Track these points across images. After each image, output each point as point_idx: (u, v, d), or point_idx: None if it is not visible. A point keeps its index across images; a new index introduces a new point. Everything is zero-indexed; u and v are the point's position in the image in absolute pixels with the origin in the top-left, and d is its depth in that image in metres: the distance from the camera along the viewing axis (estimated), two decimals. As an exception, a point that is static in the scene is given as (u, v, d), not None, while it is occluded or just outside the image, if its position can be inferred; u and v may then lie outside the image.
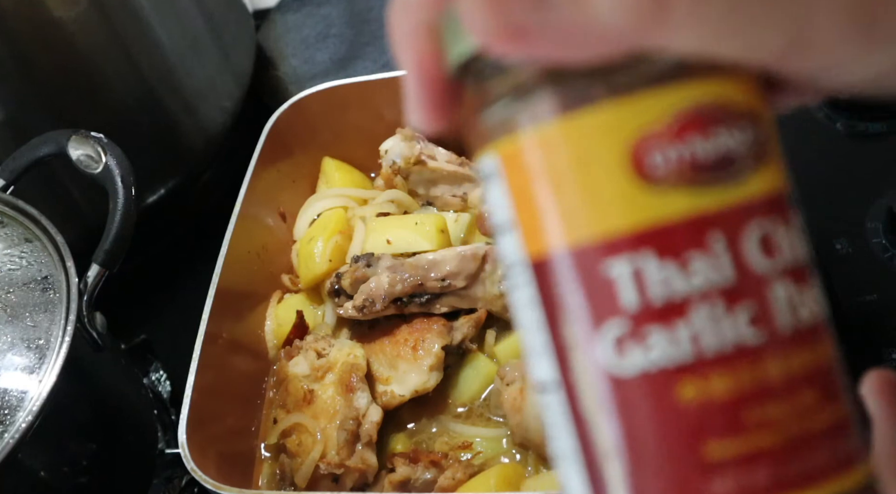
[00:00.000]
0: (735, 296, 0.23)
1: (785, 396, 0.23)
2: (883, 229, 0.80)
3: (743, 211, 0.23)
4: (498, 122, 0.25)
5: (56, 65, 0.85)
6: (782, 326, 0.23)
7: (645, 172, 0.23)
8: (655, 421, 0.23)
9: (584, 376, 0.24)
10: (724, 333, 0.23)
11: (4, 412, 0.62)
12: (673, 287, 0.23)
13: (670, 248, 0.23)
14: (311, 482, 0.73)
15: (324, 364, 0.78)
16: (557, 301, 0.24)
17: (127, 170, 0.74)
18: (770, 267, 0.23)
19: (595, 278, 0.23)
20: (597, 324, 0.23)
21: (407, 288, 0.79)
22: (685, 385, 0.23)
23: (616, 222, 0.23)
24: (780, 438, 0.23)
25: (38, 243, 0.72)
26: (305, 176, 0.96)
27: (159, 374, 0.89)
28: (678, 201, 0.23)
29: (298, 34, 1.23)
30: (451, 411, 0.79)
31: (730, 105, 0.23)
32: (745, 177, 0.23)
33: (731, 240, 0.23)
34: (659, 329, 0.23)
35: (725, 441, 0.23)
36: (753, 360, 0.23)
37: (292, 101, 0.93)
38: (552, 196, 0.24)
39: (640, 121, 0.23)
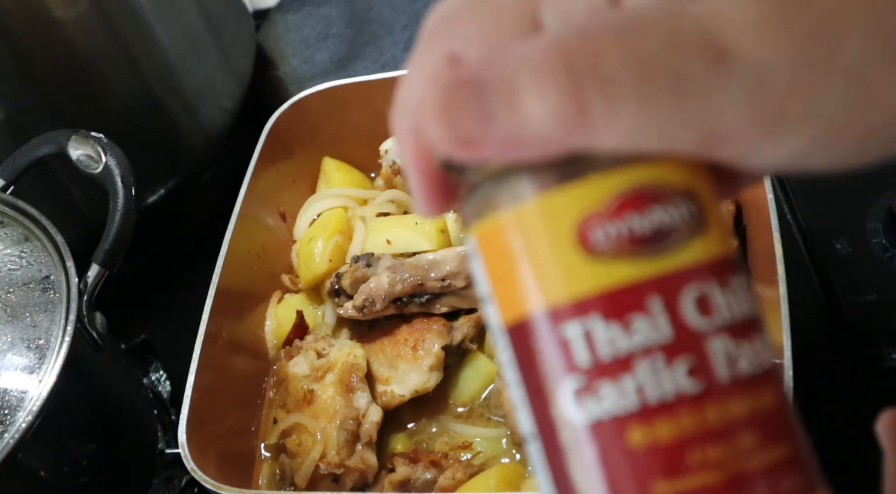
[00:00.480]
0: (673, 351, 0.26)
1: (725, 439, 0.25)
2: (883, 229, 0.80)
3: (679, 276, 0.26)
4: (470, 209, 0.29)
5: (56, 65, 0.85)
6: (720, 376, 0.26)
7: (589, 247, 0.26)
8: (610, 464, 0.26)
9: (551, 426, 0.27)
10: (665, 384, 0.26)
11: (4, 412, 0.62)
12: (618, 346, 0.26)
13: (614, 311, 0.26)
14: (311, 482, 0.73)
15: (324, 364, 0.78)
16: (526, 361, 0.27)
17: (127, 170, 0.74)
18: (706, 324, 0.26)
19: (553, 339, 0.27)
20: (558, 380, 0.27)
21: (407, 288, 0.79)
22: (633, 431, 0.26)
23: (568, 290, 0.26)
24: (721, 477, 0.25)
25: (38, 243, 0.72)
26: (305, 176, 0.96)
27: (159, 374, 0.89)
28: (620, 270, 0.26)
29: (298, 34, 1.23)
30: (451, 411, 0.79)
31: (663, 185, 0.26)
32: (681, 246, 0.26)
33: (668, 302, 0.26)
34: (608, 383, 0.26)
35: (671, 480, 0.25)
36: (692, 407, 0.25)
37: (292, 101, 0.93)
38: (514, 271, 0.27)
39: (584, 203, 0.26)
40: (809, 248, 0.82)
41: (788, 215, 0.85)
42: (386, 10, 1.24)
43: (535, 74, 0.24)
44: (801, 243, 0.83)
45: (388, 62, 1.16)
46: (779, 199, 0.85)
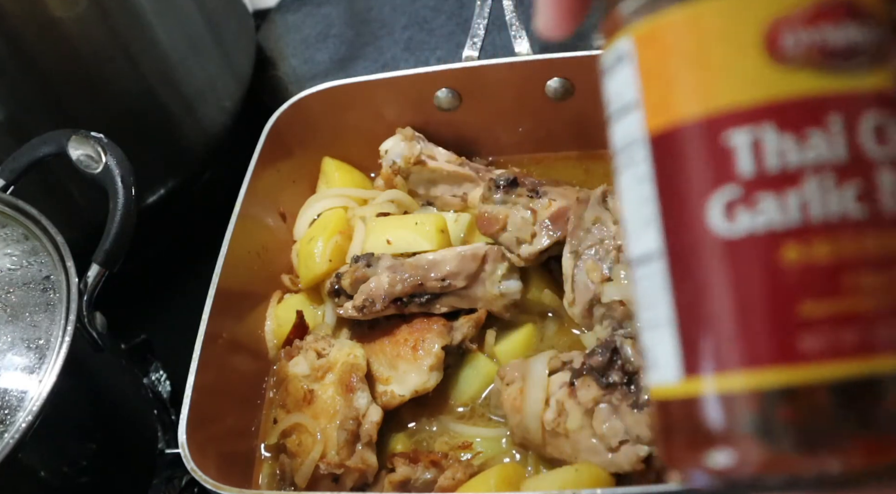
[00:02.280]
0: (846, 173, 0.25)
1: (882, 268, 0.25)
2: (883, 229, 0.80)
3: (862, 99, 0.25)
4: (631, 5, 0.27)
5: (56, 65, 0.85)
6: (886, 207, 0.25)
7: (777, 52, 0.25)
8: (758, 280, 0.25)
9: (692, 239, 0.26)
10: (831, 204, 0.25)
11: (4, 412, 0.62)
12: (788, 158, 0.25)
13: (791, 123, 0.25)
14: (311, 482, 0.73)
15: (324, 364, 0.78)
16: (671, 172, 0.26)
17: (127, 170, 0.74)
18: (881, 154, 0.25)
19: (716, 146, 0.25)
20: (712, 189, 0.26)
21: (407, 288, 0.79)
22: (789, 248, 0.25)
23: (744, 95, 0.25)
24: (872, 305, 0.24)
25: (38, 243, 0.72)
26: (305, 176, 0.96)
27: (159, 374, 0.89)
28: (804, 81, 0.25)
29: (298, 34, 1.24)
30: (451, 411, 0.79)
31: (860, 4, 0.26)
32: (867, 70, 0.25)
33: (848, 123, 0.25)
34: (770, 196, 0.25)
35: (820, 301, 0.24)
36: (855, 232, 0.25)
37: (292, 101, 0.93)
38: (686, 70, 0.26)
39: (779, 6, 0.25)
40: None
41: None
42: (386, 10, 1.24)
43: None
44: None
45: (388, 62, 1.16)
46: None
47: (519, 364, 0.73)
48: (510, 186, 0.82)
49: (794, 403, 0.24)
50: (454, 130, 0.94)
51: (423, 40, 1.18)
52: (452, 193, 0.91)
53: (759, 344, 0.25)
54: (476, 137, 0.95)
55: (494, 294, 0.79)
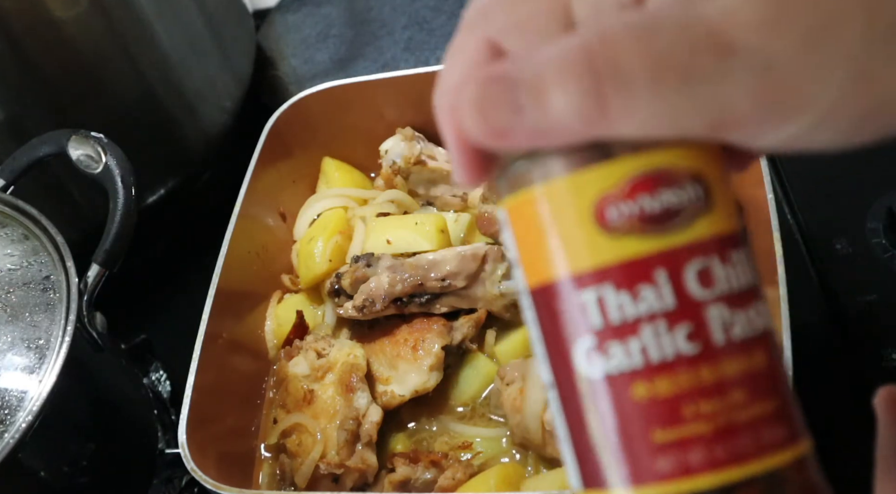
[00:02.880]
0: (675, 318, 0.29)
1: (717, 394, 0.29)
2: (883, 229, 0.80)
3: (683, 251, 0.30)
4: (504, 183, 0.32)
5: (56, 65, 0.85)
6: (715, 340, 0.29)
7: (605, 224, 0.30)
8: (616, 413, 0.30)
9: (567, 378, 0.31)
10: (665, 346, 0.29)
11: (4, 412, 0.62)
12: (626, 312, 0.29)
13: (625, 281, 0.30)
14: (311, 482, 0.73)
15: (324, 364, 0.78)
16: (547, 321, 0.31)
17: (127, 170, 0.74)
18: (706, 294, 0.30)
19: (571, 304, 0.30)
20: (574, 338, 0.30)
21: (407, 288, 0.79)
22: (637, 386, 0.29)
23: (586, 261, 0.30)
24: (712, 427, 0.29)
25: (38, 243, 0.72)
26: (305, 176, 0.96)
27: (159, 374, 0.89)
28: (631, 246, 0.30)
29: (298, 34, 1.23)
30: (451, 411, 0.79)
31: (674, 169, 0.30)
32: (687, 224, 0.30)
33: (672, 274, 0.29)
34: (617, 343, 0.30)
35: (668, 429, 0.29)
36: (689, 367, 0.29)
37: (292, 101, 0.93)
38: (539, 240, 0.31)
39: (602, 185, 0.30)
40: (809, 248, 0.82)
41: (788, 215, 0.85)
42: (386, 10, 1.24)
43: (561, 73, 0.27)
44: (801, 243, 0.83)
45: (388, 62, 1.16)
46: (779, 199, 0.85)
47: (519, 364, 0.73)
48: (510, 186, 0.81)
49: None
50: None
51: (423, 40, 1.18)
52: (452, 193, 0.91)
53: (624, 468, 0.30)
54: (476, 137, 0.95)
55: (494, 294, 0.79)
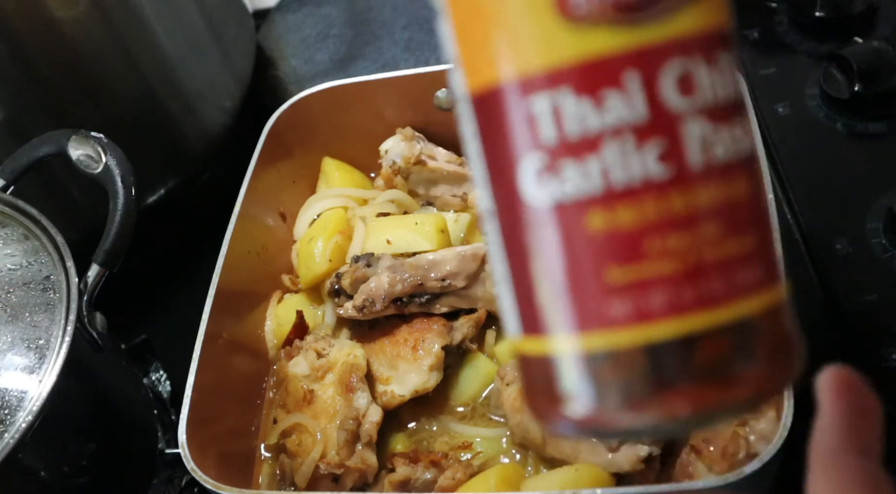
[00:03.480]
0: (646, 133, 0.24)
1: (687, 227, 0.24)
2: (883, 229, 0.80)
3: (662, 50, 0.24)
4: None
5: (56, 65, 0.85)
6: (692, 162, 0.24)
7: (568, 11, 0.24)
8: (565, 247, 0.25)
9: (509, 205, 0.26)
10: (632, 168, 0.24)
11: (4, 412, 0.62)
12: (587, 124, 0.24)
13: (588, 85, 0.24)
14: (311, 482, 0.73)
15: (324, 364, 0.78)
16: (489, 134, 0.26)
17: (127, 170, 0.74)
18: (686, 105, 0.24)
19: (519, 113, 0.25)
20: (520, 157, 0.25)
21: (407, 288, 0.79)
22: (594, 215, 0.24)
23: (541, 59, 0.24)
24: (678, 266, 0.24)
25: (38, 243, 0.72)
26: (305, 176, 0.96)
27: (159, 374, 0.89)
28: (598, 40, 0.24)
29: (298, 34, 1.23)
30: (451, 411, 0.79)
31: None
32: (670, 15, 0.24)
33: (646, 78, 0.24)
34: (573, 163, 0.24)
35: (626, 267, 0.24)
36: (658, 194, 0.24)
37: (292, 101, 0.93)
38: (484, 34, 0.25)
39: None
40: (809, 248, 0.82)
41: (788, 215, 0.85)
42: (386, 10, 1.24)
43: None
44: (801, 243, 0.83)
45: (388, 62, 1.16)
46: (779, 199, 0.85)
47: (519, 364, 0.73)
48: (510, 186, 0.82)
49: (612, 364, 0.25)
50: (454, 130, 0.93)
51: (423, 40, 1.18)
52: (452, 193, 0.91)
53: (570, 311, 0.25)
54: (476, 137, 0.95)
55: (494, 294, 0.79)
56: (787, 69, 0.96)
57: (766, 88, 0.95)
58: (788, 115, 0.93)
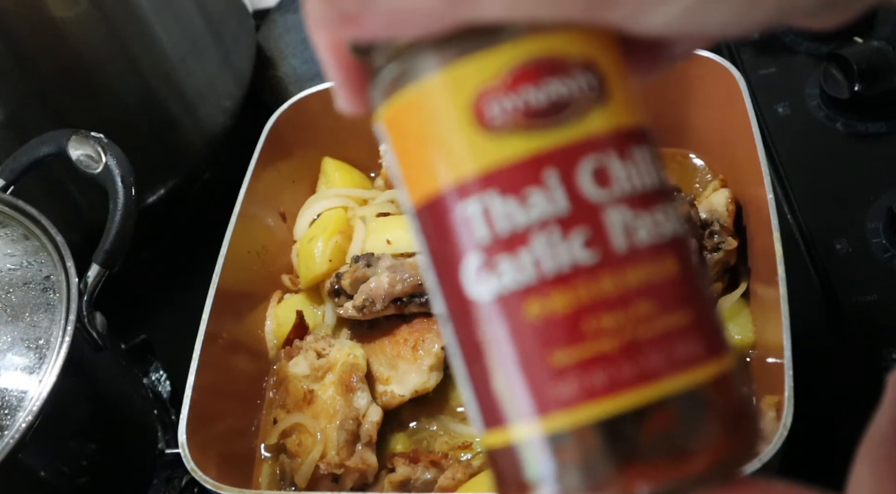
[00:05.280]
0: (569, 223, 0.26)
1: (620, 307, 0.26)
2: (883, 229, 0.80)
3: (575, 148, 0.26)
4: (376, 93, 0.29)
5: (56, 65, 0.85)
6: (616, 246, 0.26)
7: (486, 122, 0.26)
8: (510, 337, 0.26)
9: (458, 305, 0.27)
10: (561, 256, 0.26)
11: (4, 412, 0.62)
12: (515, 220, 0.26)
13: (510, 186, 0.26)
14: (311, 482, 0.73)
15: (324, 364, 0.78)
16: (433, 242, 0.28)
17: (127, 170, 0.74)
18: (604, 196, 0.26)
19: (455, 218, 0.27)
20: (460, 257, 0.27)
21: (407, 288, 0.79)
22: (531, 304, 0.26)
23: (465, 168, 0.26)
24: (617, 344, 0.25)
25: (38, 243, 0.72)
26: (305, 176, 0.96)
27: (159, 374, 0.89)
28: (515, 145, 0.26)
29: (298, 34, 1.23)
30: (451, 411, 0.79)
31: (560, 56, 0.26)
32: (578, 118, 0.26)
33: (564, 174, 0.26)
34: (506, 258, 0.26)
35: (567, 349, 0.26)
36: (588, 278, 0.26)
37: (292, 101, 0.93)
38: (416, 151, 0.27)
39: (480, 78, 0.26)
40: (809, 248, 0.82)
41: (788, 215, 0.85)
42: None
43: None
44: (801, 243, 0.83)
45: (388, 62, 1.16)
46: (779, 199, 0.85)
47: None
48: (510, 186, 0.82)
49: (569, 445, 0.26)
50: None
51: (423, 40, 1.17)
52: (452, 193, 0.91)
53: (524, 399, 0.26)
54: (476, 137, 0.95)
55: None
56: (787, 69, 0.96)
57: (766, 88, 0.95)
58: (788, 115, 0.93)
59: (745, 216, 0.79)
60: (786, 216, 0.85)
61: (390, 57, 0.27)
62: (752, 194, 0.76)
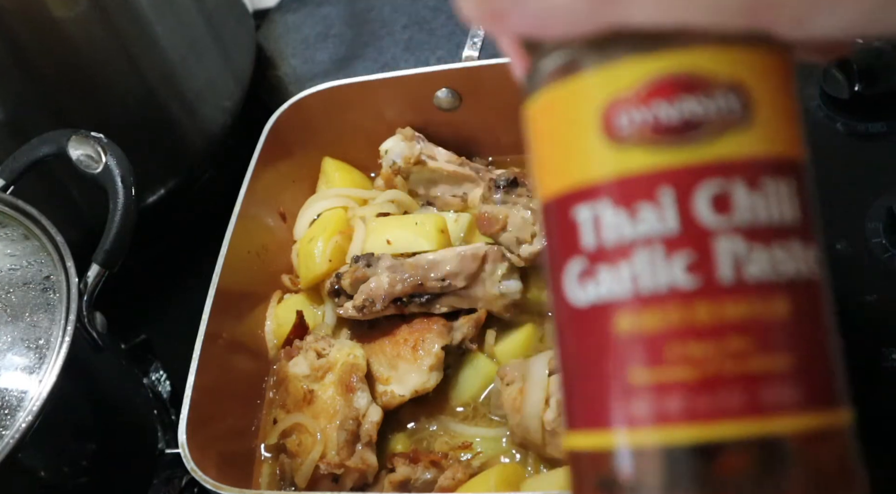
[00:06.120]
0: (675, 245, 0.26)
1: (710, 338, 0.25)
2: (883, 229, 0.80)
3: (699, 170, 0.26)
4: (527, 84, 0.29)
5: (56, 65, 0.85)
6: (721, 277, 0.25)
7: (612, 132, 0.26)
8: (595, 346, 0.27)
9: (561, 305, 0.28)
10: (659, 276, 0.26)
11: (4, 412, 0.62)
12: (621, 233, 0.26)
13: (623, 198, 0.26)
14: (311, 482, 0.73)
15: (324, 364, 0.78)
16: (550, 240, 0.29)
17: (127, 170, 0.74)
18: (720, 222, 0.26)
19: (566, 221, 0.27)
20: (565, 260, 0.27)
21: (407, 288, 0.79)
22: (622, 318, 0.26)
23: (586, 173, 0.27)
24: (697, 374, 0.25)
25: (38, 243, 0.72)
26: (305, 176, 0.96)
27: (159, 374, 0.89)
28: (637, 158, 0.26)
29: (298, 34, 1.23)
30: (451, 411, 0.79)
31: (702, 74, 0.26)
32: (711, 140, 0.26)
33: (680, 195, 0.26)
34: (607, 268, 0.26)
35: (646, 369, 0.26)
36: (683, 302, 0.25)
37: (292, 101, 0.93)
38: (548, 150, 0.28)
39: (614, 87, 0.26)
40: (809, 248, 0.82)
41: (788, 215, 0.85)
42: (386, 10, 1.24)
43: None
44: (801, 243, 0.83)
45: (388, 62, 1.16)
46: (779, 199, 0.85)
47: (519, 364, 0.73)
48: (510, 186, 0.82)
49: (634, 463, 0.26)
50: (454, 130, 0.94)
51: (423, 40, 1.18)
52: (452, 193, 0.91)
53: (595, 408, 0.27)
54: (476, 137, 0.95)
55: (494, 294, 0.79)
56: (787, 69, 0.96)
57: (766, 88, 0.95)
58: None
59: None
60: (786, 216, 0.85)
61: (542, 54, 0.28)
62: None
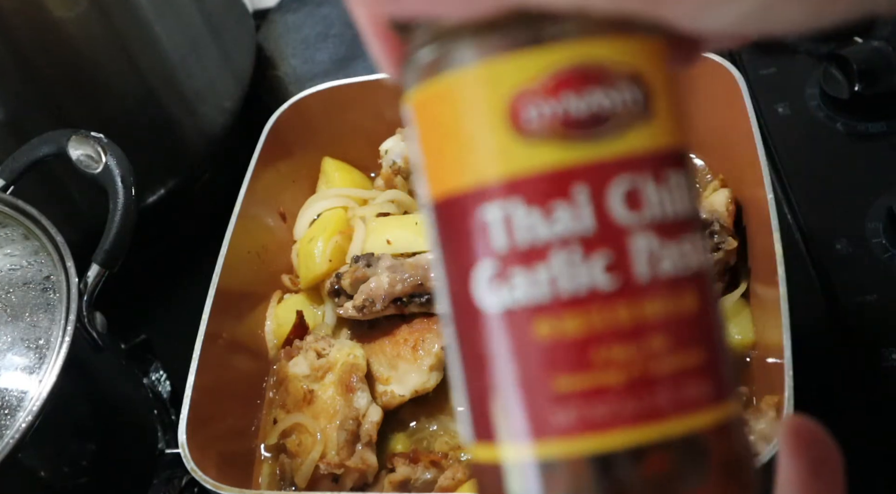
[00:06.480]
0: (593, 244, 0.24)
1: (633, 339, 0.24)
2: (883, 229, 0.80)
3: (611, 166, 0.25)
4: (409, 75, 0.27)
5: (56, 65, 0.85)
6: (638, 275, 0.25)
7: (520, 126, 0.25)
8: (514, 354, 0.25)
9: (464, 310, 0.26)
10: (579, 277, 0.24)
11: (4, 412, 0.62)
12: (536, 233, 0.25)
13: (537, 197, 0.25)
14: (311, 482, 0.73)
15: (324, 364, 0.78)
16: (448, 241, 0.27)
17: (127, 170, 0.74)
18: (633, 219, 0.25)
19: (473, 221, 0.25)
20: (474, 263, 0.26)
21: (407, 288, 0.79)
22: (541, 323, 0.25)
23: (494, 170, 0.25)
24: (624, 377, 0.24)
25: (38, 243, 0.72)
26: (305, 176, 0.96)
27: (159, 374, 0.89)
28: (548, 154, 0.25)
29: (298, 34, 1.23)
30: (451, 411, 0.79)
31: (608, 65, 0.25)
32: (618, 134, 0.25)
33: (594, 192, 0.24)
34: (522, 271, 0.25)
35: (572, 376, 0.24)
36: (604, 304, 0.24)
37: (292, 101, 0.93)
38: (447, 144, 0.26)
39: (520, 77, 0.25)
40: (809, 248, 0.82)
41: (788, 215, 0.85)
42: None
43: None
44: (801, 243, 0.83)
45: (388, 62, 1.16)
46: (779, 199, 0.85)
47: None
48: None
49: (559, 474, 0.25)
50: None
51: (423, 40, 1.17)
52: (452, 193, 0.91)
53: (518, 419, 0.25)
54: (476, 137, 0.95)
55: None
56: (787, 69, 0.96)
57: (766, 88, 0.95)
58: (788, 115, 0.93)
59: (745, 216, 0.79)
60: (786, 216, 0.85)
61: (429, 39, 0.26)
62: (751, 194, 0.76)
